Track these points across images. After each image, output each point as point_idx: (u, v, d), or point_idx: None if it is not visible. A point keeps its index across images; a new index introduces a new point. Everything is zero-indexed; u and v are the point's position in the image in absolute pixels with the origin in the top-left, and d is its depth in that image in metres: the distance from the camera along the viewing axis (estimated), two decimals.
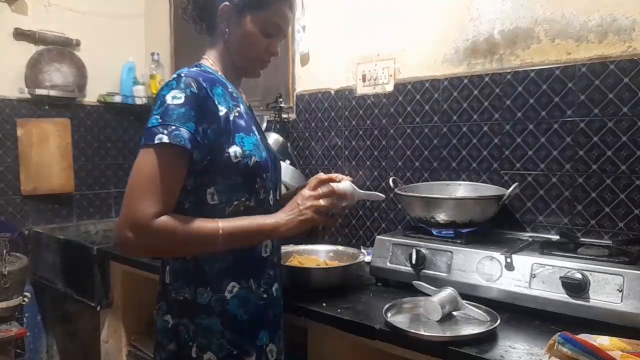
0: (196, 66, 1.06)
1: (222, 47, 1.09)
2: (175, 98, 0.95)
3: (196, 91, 0.97)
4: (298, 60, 2.14)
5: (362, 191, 1.19)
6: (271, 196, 1.10)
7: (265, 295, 1.07)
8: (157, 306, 1.08)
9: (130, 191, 0.93)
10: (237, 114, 1.04)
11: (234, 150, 1.01)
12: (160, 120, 0.93)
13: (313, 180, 1.12)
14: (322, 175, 1.13)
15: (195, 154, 0.96)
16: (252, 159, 1.03)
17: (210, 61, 1.10)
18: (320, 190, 1.08)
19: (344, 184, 1.13)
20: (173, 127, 0.92)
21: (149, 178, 0.92)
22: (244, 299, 1.04)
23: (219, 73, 1.09)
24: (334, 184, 1.10)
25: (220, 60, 1.10)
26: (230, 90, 1.07)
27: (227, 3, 1.05)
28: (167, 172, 0.93)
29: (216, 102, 1.00)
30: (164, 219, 0.93)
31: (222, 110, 1.01)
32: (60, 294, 2.29)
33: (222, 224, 0.97)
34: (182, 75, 0.98)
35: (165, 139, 0.91)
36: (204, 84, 0.99)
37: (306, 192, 1.08)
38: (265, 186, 1.08)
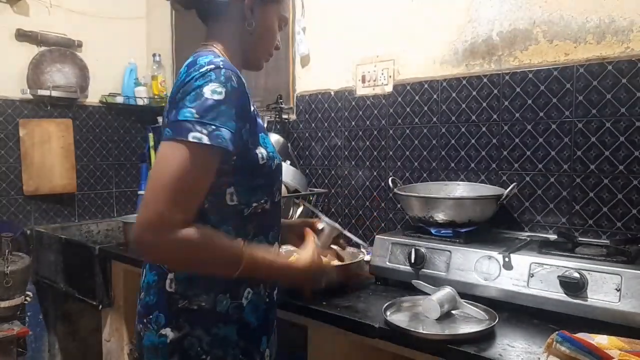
0: (212, 54, 0.93)
1: (237, 37, 1.01)
2: (215, 93, 0.85)
3: (236, 86, 0.88)
4: (298, 61, 2.15)
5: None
6: (277, 198, 1.06)
7: (267, 300, 1.04)
8: (145, 319, 0.96)
9: (156, 191, 0.82)
10: (255, 111, 0.98)
11: (260, 151, 0.96)
12: (196, 116, 0.83)
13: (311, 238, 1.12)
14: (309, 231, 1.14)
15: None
16: (275, 161, 1.00)
17: (218, 50, 0.99)
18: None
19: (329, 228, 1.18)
20: (213, 127, 0.83)
21: (180, 179, 0.82)
22: (255, 305, 0.99)
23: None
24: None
25: (230, 51, 1.00)
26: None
27: None
28: (200, 174, 0.84)
29: (250, 99, 0.93)
30: (191, 231, 0.83)
31: (252, 108, 0.95)
32: (62, 293, 2.30)
33: (246, 252, 0.89)
34: (221, 66, 0.88)
35: (206, 140, 0.82)
36: (242, 79, 0.91)
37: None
38: (280, 188, 1.05)
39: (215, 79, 0.86)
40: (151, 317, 0.95)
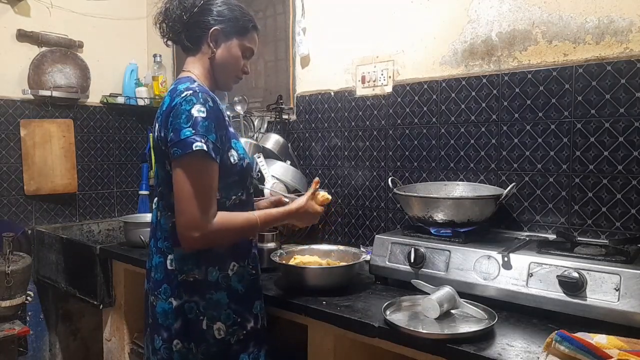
0: (189, 81, 1.16)
1: (207, 63, 1.23)
2: (200, 112, 1.08)
3: (212, 105, 1.11)
4: (298, 62, 2.16)
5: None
6: (251, 190, 1.29)
7: (254, 272, 1.25)
8: (156, 292, 1.19)
9: (187, 198, 1.07)
10: (228, 122, 1.21)
11: (231, 154, 1.17)
12: (193, 132, 1.06)
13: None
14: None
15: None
16: (245, 161, 1.21)
17: (194, 75, 1.22)
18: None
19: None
20: (206, 138, 1.07)
21: (199, 184, 1.07)
22: (240, 275, 1.21)
23: (206, 87, 1.21)
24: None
25: (204, 75, 1.23)
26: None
27: (217, 27, 1.20)
28: (210, 174, 1.09)
29: (223, 113, 1.16)
30: (218, 219, 1.10)
31: (226, 120, 1.17)
32: (63, 293, 2.31)
33: (257, 214, 1.19)
34: (197, 91, 1.11)
35: (205, 147, 1.06)
36: (216, 98, 1.14)
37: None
38: (252, 183, 1.29)
39: (196, 101, 1.09)
40: (160, 289, 1.18)
